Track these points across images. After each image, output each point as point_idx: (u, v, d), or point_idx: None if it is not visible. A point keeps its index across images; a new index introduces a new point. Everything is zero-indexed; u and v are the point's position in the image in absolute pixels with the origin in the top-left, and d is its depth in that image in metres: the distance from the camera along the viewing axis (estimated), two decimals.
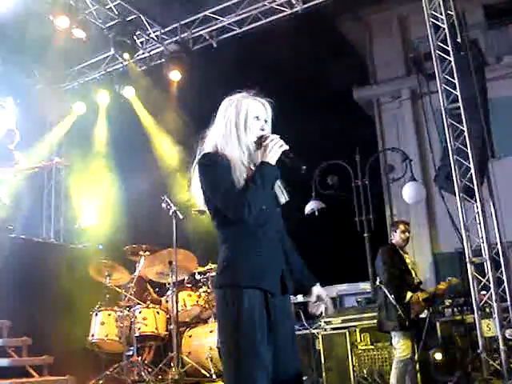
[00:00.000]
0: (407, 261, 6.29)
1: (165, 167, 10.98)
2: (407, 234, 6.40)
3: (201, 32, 10.32)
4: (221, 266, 2.81)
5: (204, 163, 2.83)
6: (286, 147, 2.84)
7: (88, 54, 10.93)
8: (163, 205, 7.20)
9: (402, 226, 6.39)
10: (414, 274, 6.26)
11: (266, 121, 2.95)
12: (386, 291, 5.98)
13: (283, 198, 3.01)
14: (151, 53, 10.83)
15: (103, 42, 10.03)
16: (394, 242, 6.39)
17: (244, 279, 2.71)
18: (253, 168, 2.84)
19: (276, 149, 2.81)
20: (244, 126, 2.87)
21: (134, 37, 9.99)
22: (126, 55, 9.87)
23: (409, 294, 5.96)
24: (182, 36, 10.39)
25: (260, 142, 2.86)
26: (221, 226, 2.85)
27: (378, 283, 6.23)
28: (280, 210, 3.00)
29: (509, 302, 7.24)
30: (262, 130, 2.91)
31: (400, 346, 5.96)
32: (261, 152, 2.84)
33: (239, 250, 2.79)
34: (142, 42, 10.65)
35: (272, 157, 2.80)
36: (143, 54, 10.81)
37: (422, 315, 6.81)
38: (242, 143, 2.86)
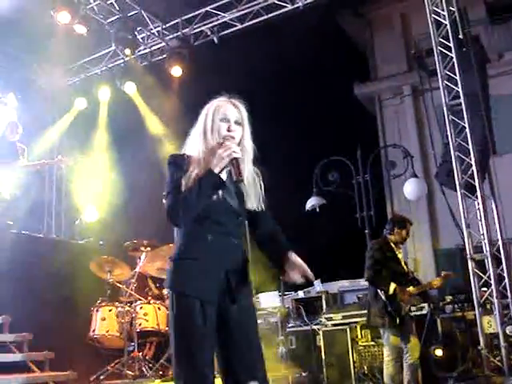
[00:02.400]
0: (399, 256, 6.21)
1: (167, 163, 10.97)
2: (408, 236, 6.34)
3: (202, 28, 10.31)
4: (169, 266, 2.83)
5: (167, 163, 2.88)
6: (237, 155, 2.72)
7: (89, 50, 10.94)
8: (164, 200, 7.18)
9: (409, 227, 6.30)
10: (405, 269, 6.17)
11: (238, 122, 2.86)
12: (375, 288, 5.95)
13: (254, 204, 2.91)
14: (152, 48, 10.83)
15: (104, 37, 10.04)
16: (391, 238, 6.22)
17: (180, 285, 2.74)
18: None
19: (223, 155, 2.69)
20: (211, 128, 2.82)
21: (135, 32, 10.01)
22: (127, 51, 9.88)
23: (392, 286, 5.84)
24: (184, 32, 10.38)
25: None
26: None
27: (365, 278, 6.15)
28: (242, 219, 2.87)
29: (509, 299, 7.25)
30: (229, 130, 2.82)
31: (389, 343, 5.91)
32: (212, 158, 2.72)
33: (183, 254, 2.79)
34: (143, 38, 10.65)
35: (217, 164, 2.69)
36: (144, 49, 10.82)
37: (423, 311, 6.83)
38: (209, 145, 2.79)
